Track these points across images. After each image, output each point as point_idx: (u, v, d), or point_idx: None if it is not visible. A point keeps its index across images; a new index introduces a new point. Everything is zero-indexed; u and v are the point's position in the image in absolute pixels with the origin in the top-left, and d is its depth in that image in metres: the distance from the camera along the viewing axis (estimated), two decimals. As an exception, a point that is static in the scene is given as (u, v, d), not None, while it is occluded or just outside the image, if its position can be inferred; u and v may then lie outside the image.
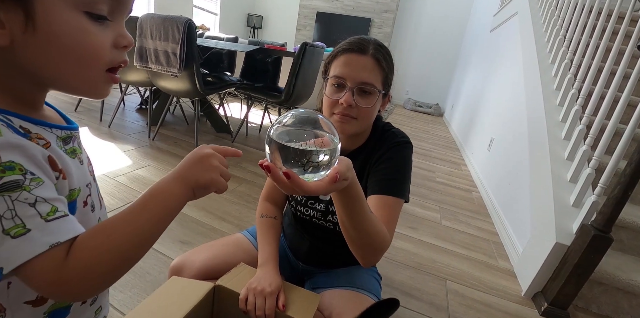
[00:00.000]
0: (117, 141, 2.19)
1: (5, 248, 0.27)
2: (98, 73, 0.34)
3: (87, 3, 0.31)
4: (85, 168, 0.40)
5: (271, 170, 0.39)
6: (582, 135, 1.49)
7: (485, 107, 3.11)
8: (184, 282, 0.70)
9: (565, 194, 1.38)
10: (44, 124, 0.35)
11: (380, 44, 0.71)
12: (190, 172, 0.38)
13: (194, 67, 1.97)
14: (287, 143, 0.38)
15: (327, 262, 0.88)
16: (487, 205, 2.15)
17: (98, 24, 0.32)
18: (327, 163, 0.40)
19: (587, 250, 1.13)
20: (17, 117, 0.32)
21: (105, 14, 0.33)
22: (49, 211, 0.29)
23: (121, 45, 0.35)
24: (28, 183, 0.29)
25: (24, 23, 0.29)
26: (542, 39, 2.24)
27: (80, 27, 0.31)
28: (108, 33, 0.33)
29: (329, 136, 0.41)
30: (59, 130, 0.36)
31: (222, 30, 6.16)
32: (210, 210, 1.52)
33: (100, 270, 0.31)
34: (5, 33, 0.29)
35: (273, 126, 0.41)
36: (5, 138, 0.29)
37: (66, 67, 0.32)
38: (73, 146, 0.38)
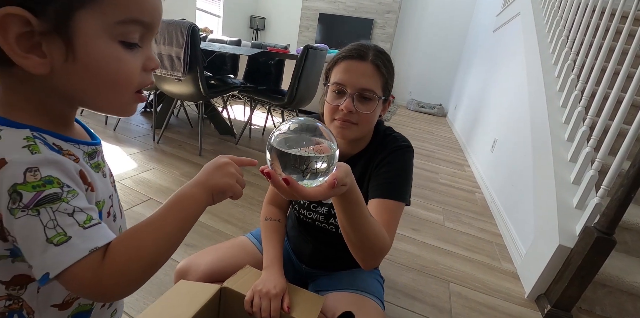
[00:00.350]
0: (122, 144, 2.22)
1: (50, 255, 0.30)
2: (129, 96, 0.37)
3: (122, 34, 0.33)
4: (107, 181, 0.43)
5: (271, 176, 0.41)
6: (585, 136, 1.48)
7: (489, 108, 3.10)
8: (192, 284, 0.72)
9: (569, 196, 1.37)
10: (73, 141, 0.38)
11: (380, 50, 0.72)
12: (209, 178, 0.41)
13: (197, 71, 1.99)
14: (287, 149, 0.40)
15: (330, 265, 0.89)
16: (490, 206, 2.15)
17: (130, 50, 0.35)
18: (325, 170, 0.42)
19: (590, 252, 1.13)
20: (50, 135, 0.35)
21: (137, 42, 0.35)
22: (85, 220, 0.32)
23: (149, 68, 0.38)
24: (65, 195, 0.32)
25: (64, 54, 0.31)
26: (545, 40, 2.23)
27: (116, 56, 0.34)
28: (138, 58, 0.36)
29: (327, 143, 0.42)
30: (86, 146, 0.39)
31: (225, 33, 6.19)
32: (214, 213, 1.53)
33: (133, 271, 0.34)
34: (47, 62, 0.31)
35: (273, 133, 0.42)
36: (44, 155, 0.32)
37: (101, 92, 0.35)
38: (97, 160, 0.41)
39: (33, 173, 0.30)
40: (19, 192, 0.29)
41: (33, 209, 0.30)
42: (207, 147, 2.40)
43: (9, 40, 0.29)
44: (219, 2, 6.06)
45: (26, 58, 0.30)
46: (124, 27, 0.33)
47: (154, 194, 1.62)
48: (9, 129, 0.32)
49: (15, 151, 0.31)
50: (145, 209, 1.49)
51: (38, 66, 0.31)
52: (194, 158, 2.17)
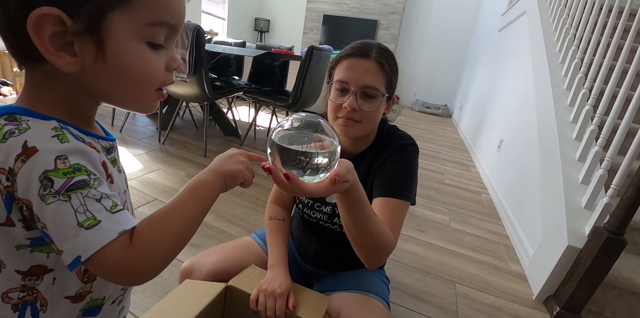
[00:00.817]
0: (129, 146, 2.23)
1: (81, 239, 0.31)
2: (152, 94, 0.39)
3: (150, 35, 0.35)
4: (122, 176, 0.44)
5: (272, 172, 0.41)
6: (594, 135, 1.46)
7: (495, 108, 3.07)
8: (197, 284, 0.72)
9: (577, 196, 1.35)
10: (93, 135, 0.39)
11: (384, 48, 0.72)
12: (221, 164, 0.44)
13: (202, 73, 2.00)
14: (287, 145, 0.40)
15: (335, 265, 0.88)
16: (497, 207, 2.13)
17: (155, 51, 0.36)
18: (326, 165, 0.42)
19: (600, 253, 1.11)
20: (74, 128, 0.36)
21: (162, 43, 0.37)
22: (111, 205, 0.34)
23: (172, 68, 0.39)
24: (93, 182, 0.33)
25: (95, 53, 0.32)
26: (552, 38, 2.21)
27: (143, 56, 0.35)
28: (162, 58, 0.37)
29: (329, 139, 0.42)
30: (104, 141, 0.41)
31: (229, 35, 6.23)
32: (219, 213, 1.54)
33: (161, 250, 0.35)
34: (78, 61, 0.32)
35: (275, 129, 0.42)
36: (72, 144, 0.33)
37: (126, 90, 0.37)
38: (114, 155, 0.43)
39: (63, 161, 0.31)
40: (50, 178, 0.30)
41: (64, 194, 0.31)
42: (212, 148, 2.41)
43: (43, 39, 0.30)
44: (223, 5, 6.11)
45: (58, 56, 0.31)
46: (152, 29, 0.34)
47: (160, 195, 1.63)
48: (36, 120, 0.33)
49: (45, 140, 0.32)
50: (151, 209, 1.49)
51: (69, 64, 0.32)
52: (199, 159, 2.18)
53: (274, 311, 0.65)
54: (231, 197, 1.70)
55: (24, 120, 0.33)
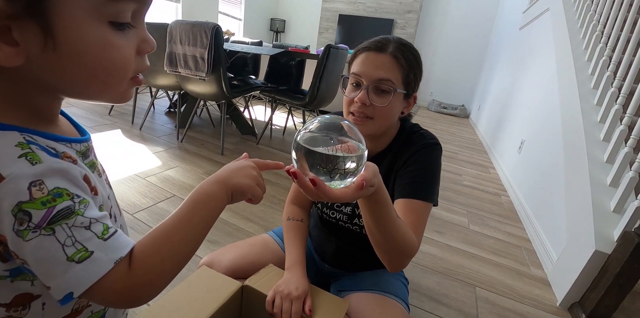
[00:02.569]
0: (148, 143, 2.28)
1: (73, 274, 0.27)
2: (124, 84, 0.32)
3: (112, 13, 0.28)
4: (103, 180, 0.39)
5: (298, 177, 0.40)
6: (624, 136, 1.40)
7: (515, 108, 2.99)
8: (213, 274, 0.72)
9: (605, 199, 1.30)
10: (64, 139, 0.33)
11: (404, 43, 0.69)
12: (230, 176, 0.40)
13: (221, 71, 2.02)
14: (315, 148, 0.38)
15: (353, 265, 0.87)
16: (517, 209, 2.07)
17: (122, 32, 0.30)
18: (354, 170, 0.40)
19: (630, 259, 1.06)
20: (41, 136, 0.30)
21: (129, 21, 0.30)
22: (103, 231, 0.30)
23: (145, 51, 0.33)
24: (78, 207, 0.29)
25: (42, 41, 0.26)
26: (577, 36, 2.13)
27: (105, 41, 0.28)
28: (131, 40, 0.31)
29: (355, 142, 0.41)
30: (77, 144, 0.34)
31: (246, 35, 6.29)
32: (236, 210, 1.55)
33: (164, 273, 0.33)
34: (20, 51, 0.26)
35: (300, 131, 0.41)
36: (46, 164, 0.27)
37: (91, 82, 0.30)
38: (91, 158, 0.37)
39: (39, 187, 0.26)
40: (26, 211, 0.26)
41: (47, 228, 0.26)
42: (229, 146, 2.43)
43: None
44: (240, 5, 6.17)
45: None
46: (113, 5, 0.27)
47: (178, 191, 1.65)
48: None
49: (11, 162, 0.26)
50: (169, 205, 1.52)
51: (9, 56, 0.25)
52: (216, 156, 2.20)
53: (289, 314, 0.64)
54: (247, 195, 1.71)
55: None
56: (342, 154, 0.39)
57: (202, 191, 0.38)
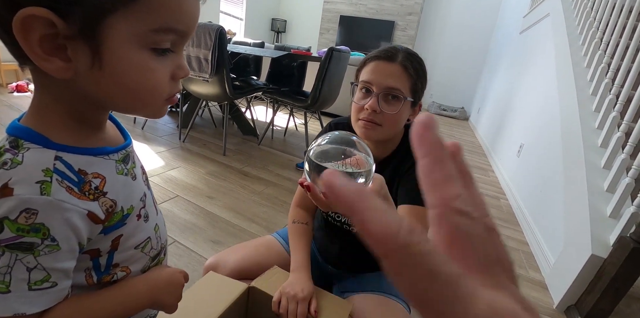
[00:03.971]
0: (150, 143, 2.29)
1: None
2: (159, 104, 0.36)
3: (154, 42, 0.31)
4: (138, 182, 0.42)
5: (311, 190, 0.42)
6: (621, 143, 1.43)
7: (515, 112, 3.02)
8: (220, 278, 0.74)
9: (602, 204, 1.32)
10: (104, 152, 0.36)
11: (412, 53, 0.72)
12: (162, 292, 0.43)
13: (224, 73, 2.04)
14: (326, 164, 0.41)
15: (357, 266, 0.89)
16: (516, 213, 2.09)
17: (160, 58, 0.33)
18: (363, 184, 0.42)
19: (625, 263, 1.09)
20: (76, 154, 0.33)
21: (169, 47, 0.33)
22: (38, 280, 0.31)
23: (179, 77, 0.36)
24: (41, 249, 0.30)
25: (90, 60, 0.29)
26: (577, 42, 2.16)
27: (144, 65, 0.32)
28: (168, 65, 0.34)
29: (364, 156, 0.43)
30: (115, 154, 0.38)
31: (247, 35, 6.30)
32: (239, 211, 1.56)
33: None
34: (71, 67, 0.29)
35: (312, 146, 0.43)
36: (51, 199, 0.30)
37: (129, 100, 0.34)
38: (130, 164, 0.41)
39: (29, 216, 0.29)
40: (2, 226, 0.28)
41: (2, 247, 0.29)
42: (231, 147, 2.45)
43: (30, 42, 0.27)
44: (241, 5, 6.18)
45: (48, 61, 0.28)
46: (157, 35, 0.31)
47: (181, 192, 1.67)
48: (34, 150, 0.31)
49: (27, 184, 0.29)
50: (173, 205, 1.54)
51: (61, 69, 0.29)
52: (218, 157, 2.22)
53: (295, 315, 0.66)
54: (251, 196, 1.73)
55: (24, 148, 0.31)
56: (352, 169, 0.41)
57: (134, 291, 0.41)
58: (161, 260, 0.48)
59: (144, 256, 0.43)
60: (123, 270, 0.40)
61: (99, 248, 0.37)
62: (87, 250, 0.36)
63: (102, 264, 0.38)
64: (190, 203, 1.59)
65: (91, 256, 0.37)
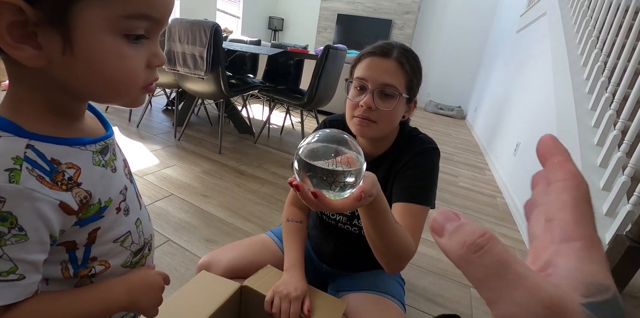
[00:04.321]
0: (145, 141, 2.27)
1: None
2: (134, 92, 0.35)
3: (128, 27, 0.31)
4: (118, 175, 0.41)
5: (300, 189, 0.41)
6: (617, 141, 1.42)
7: (511, 111, 3.02)
8: (212, 278, 0.73)
9: (598, 202, 1.32)
10: (80, 142, 0.35)
11: (407, 49, 0.70)
12: (140, 295, 0.42)
13: (219, 70, 2.02)
14: (315, 162, 0.39)
15: (351, 265, 0.88)
16: (512, 211, 2.10)
17: (134, 45, 0.32)
18: (353, 183, 0.42)
19: (621, 262, 1.09)
20: (52, 143, 0.32)
21: (143, 33, 0.33)
22: (3, 271, 0.30)
23: (155, 65, 0.35)
24: (7, 238, 0.29)
25: (62, 47, 0.29)
26: (573, 41, 2.16)
27: (118, 52, 0.31)
28: (142, 53, 0.33)
29: (354, 155, 0.42)
30: (93, 145, 0.37)
31: (244, 33, 6.27)
32: (234, 210, 1.55)
33: None
34: (42, 54, 0.29)
35: (301, 145, 0.42)
36: (20, 187, 0.29)
37: (104, 88, 0.33)
38: (110, 156, 0.40)
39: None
40: None
41: None
42: (227, 145, 2.43)
43: None
44: (238, 3, 6.15)
45: (18, 49, 0.28)
46: (129, 21, 0.30)
47: (176, 190, 1.65)
48: (8, 138, 0.30)
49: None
50: (167, 204, 1.52)
51: (32, 57, 0.28)
52: (214, 155, 2.20)
53: (288, 314, 0.65)
54: (246, 194, 1.71)
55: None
56: (342, 168, 0.40)
57: (111, 292, 0.40)
58: (146, 255, 0.47)
59: (124, 250, 0.42)
60: (102, 264, 0.39)
61: (75, 241, 0.36)
62: (62, 242, 0.35)
63: (79, 257, 0.37)
64: (185, 201, 1.57)
65: (67, 249, 0.36)
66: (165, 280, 0.47)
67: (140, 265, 0.46)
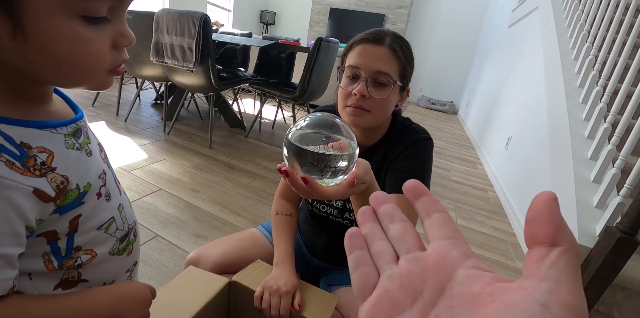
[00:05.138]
0: (133, 136, 2.22)
1: None
2: (100, 76, 0.33)
3: (84, 8, 0.28)
4: (95, 159, 0.39)
5: (289, 175, 0.39)
6: (607, 134, 1.43)
7: (503, 105, 3.04)
8: (200, 273, 0.70)
9: (589, 195, 1.33)
10: (50, 125, 0.33)
11: (398, 36, 0.69)
12: (127, 308, 0.40)
13: (209, 63, 1.98)
14: (306, 147, 0.37)
15: (343, 259, 0.87)
16: (503, 204, 2.11)
17: (95, 26, 0.30)
18: (345, 168, 0.40)
19: (611, 253, 1.10)
20: (20, 126, 0.30)
21: (105, 15, 0.30)
22: None
23: (122, 46, 0.33)
24: None
25: (12, 31, 0.26)
26: (565, 35, 2.16)
27: (76, 35, 0.29)
28: (106, 34, 0.31)
29: (346, 140, 0.40)
30: (64, 127, 0.35)
31: (235, 27, 6.18)
32: (224, 205, 1.52)
33: None
34: None
35: (291, 129, 0.40)
36: None
37: (64, 73, 0.31)
38: (83, 139, 0.38)
39: None
40: None
41: None
42: (217, 139, 2.39)
43: None
44: (229, -4, 6.04)
45: None
46: (85, 2, 0.28)
47: (165, 185, 1.62)
48: None
49: None
50: (155, 199, 1.49)
51: None
52: (204, 150, 2.16)
53: (278, 309, 0.63)
54: (237, 189, 1.69)
55: None
56: (334, 152, 0.38)
57: (97, 301, 0.38)
58: (132, 241, 0.45)
59: (110, 237, 0.40)
60: (87, 253, 0.37)
61: (56, 230, 0.34)
62: (42, 233, 0.33)
63: (61, 248, 0.35)
64: (174, 196, 1.54)
65: (48, 240, 0.33)
66: (152, 294, 0.45)
67: (128, 252, 0.44)
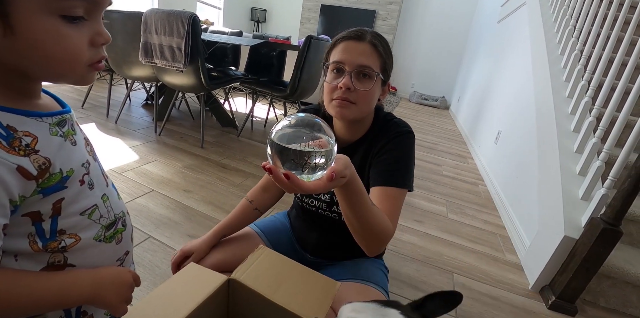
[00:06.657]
0: (124, 137, 2.21)
1: None
2: (80, 70, 0.36)
3: (63, 8, 0.32)
4: (79, 148, 0.42)
5: (273, 172, 0.42)
6: (592, 127, 1.46)
7: (493, 100, 3.07)
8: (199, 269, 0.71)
9: (574, 187, 1.36)
10: (36, 114, 0.36)
11: (378, 33, 0.74)
12: (106, 289, 0.41)
13: (199, 62, 1.97)
14: (286, 145, 0.40)
15: (334, 254, 0.89)
16: (494, 198, 2.14)
17: (73, 25, 0.34)
18: (324, 164, 0.43)
19: (596, 244, 1.13)
20: (8, 112, 0.34)
21: (82, 15, 0.34)
22: None
23: (98, 43, 0.36)
24: None
25: (2, 30, 0.30)
26: (552, 30, 2.19)
27: (57, 32, 0.32)
28: (84, 32, 0.35)
29: (326, 138, 0.43)
30: (50, 117, 0.38)
31: (226, 25, 6.13)
32: (217, 204, 1.53)
33: None
34: None
35: (274, 129, 0.43)
36: None
37: (49, 67, 0.34)
38: (67, 129, 0.41)
39: None
40: None
41: None
42: (209, 139, 2.39)
43: None
44: (219, -6, 5.99)
45: None
46: (63, 2, 0.32)
47: (157, 186, 1.62)
48: None
49: None
50: (148, 200, 1.49)
51: None
52: (196, 150, 2.16)
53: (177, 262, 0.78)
54: (229, 188, 1.69)
55: None
56: (312, 149, 0.41)
57: (73, 283, 0.39)
58: (120, 230, 0.47)
59: (94, 223, 0.42)
60: (71, 237, 0.40)
61: (40, 211, 0.36)
62: (26, 213, 0.35)
63: (46, 229, 0.37)
64: (166, 197, 1.54)
65: (32, 220, 0.36)
66: (135, 280, 0.47)
67: (117, 240, 0.47)
